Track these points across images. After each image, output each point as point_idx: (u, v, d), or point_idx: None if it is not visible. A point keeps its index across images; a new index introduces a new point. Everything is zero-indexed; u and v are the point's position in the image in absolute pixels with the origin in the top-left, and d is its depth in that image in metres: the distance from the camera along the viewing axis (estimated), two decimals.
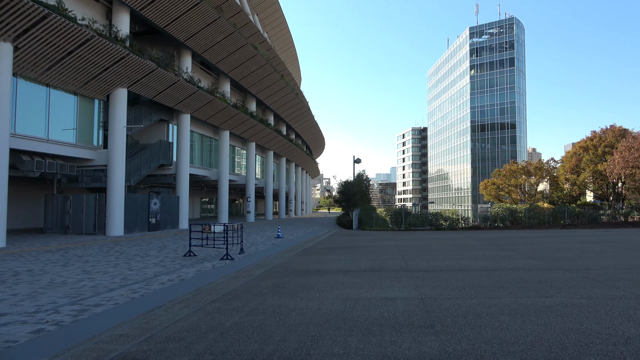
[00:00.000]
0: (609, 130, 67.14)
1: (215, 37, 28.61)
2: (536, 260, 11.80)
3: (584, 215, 27.68)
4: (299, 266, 11.49)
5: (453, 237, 21.61)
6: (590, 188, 67.76)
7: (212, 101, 30.10)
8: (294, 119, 52.68)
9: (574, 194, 71.92)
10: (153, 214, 26.27)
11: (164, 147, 28.75)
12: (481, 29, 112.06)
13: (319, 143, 79.28)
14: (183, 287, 8.68)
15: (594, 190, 69.37)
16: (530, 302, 6.85)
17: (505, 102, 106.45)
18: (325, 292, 7.92)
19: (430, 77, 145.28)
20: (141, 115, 26.51)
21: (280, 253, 14.76)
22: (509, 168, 79.12)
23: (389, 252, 14.67)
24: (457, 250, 15.16)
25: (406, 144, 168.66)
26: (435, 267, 10.89)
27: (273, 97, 42.72)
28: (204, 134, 35.26)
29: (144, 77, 23.34)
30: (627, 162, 54.19)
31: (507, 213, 30.08)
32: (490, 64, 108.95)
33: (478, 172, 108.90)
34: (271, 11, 50.98)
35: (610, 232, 22.11)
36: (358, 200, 39.17)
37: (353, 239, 20.95)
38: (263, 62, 35.19)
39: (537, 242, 17.69)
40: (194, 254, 13.90)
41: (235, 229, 13.85)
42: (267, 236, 22.67)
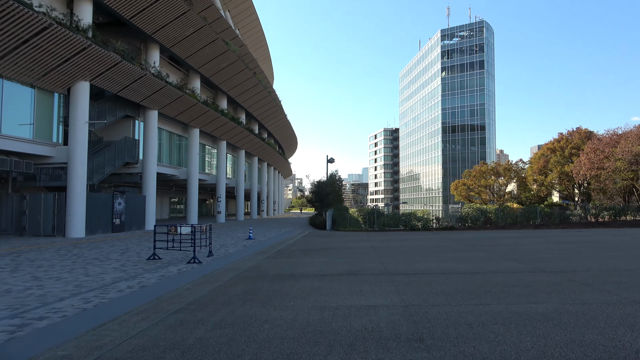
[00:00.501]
0: (575, 132, 68.87)
1: (185, 31, 27.54)
2: (517, 262, 11.45)
3: (555, 216, 27.92)
4: (271, 270, 10.79)
5: (428, 237, 21.28)
6: (557, 189, 69.29)
7: (181, 97, 28.98)
8: (266, 117, 51.76)
9: (541, 194, 73.43)
10: (117, 215, 25.01)
11: (130, 144, 27.48)
12: (452, 31, 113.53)
13: (291, 142, 78.47)
14: (143, 296, 7.86)
15: (560, 191, 71.02)
16: (523, 309, 6.36)
17: (475, 104, 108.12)
18: (301, 300, 7.26)
19: (402, 79, 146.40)
20: (105, 110, 25.20)
21: (252, 255, 14.01)
22: (479, 169, 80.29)
23: (365, 254, 14.12)
24: (434, 251, 14.74)
25: (378, 145, 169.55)
26: (415, 270, 10.37)
27: (245, 94, 41.74)
28: (172, 131, 34.02)
29: (107, 70, 22.11)
30: (593, 164, 55.57)
31: (478, 213, 30.09)
32: (461, 66, 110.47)
33: (449, 173, 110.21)
34: (243, 8, 49.92)
35: (582, 232, 22.23)
36: (331, 201, 38.62)
37: (327, 240, 20.35)
38: (234, 58, 34.23)
39: (513, 242, 17.48)
40: (159, 257, 13.00)
41: (203, 231, 13.02)
42: (237, 237, 21.82)
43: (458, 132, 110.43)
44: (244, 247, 17.04)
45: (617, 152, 51.42)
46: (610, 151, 53.13)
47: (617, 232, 21.37)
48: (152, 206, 28.42)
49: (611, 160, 51.88)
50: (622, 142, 52.00)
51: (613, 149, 53.02)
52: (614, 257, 12.45)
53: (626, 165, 50.22)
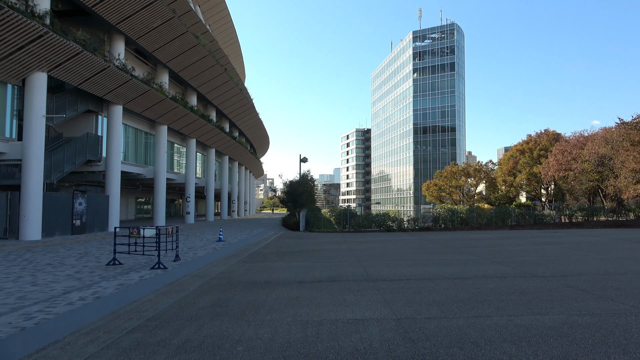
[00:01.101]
0: (544, 134, 70.22)
1: (152, 22, 26.18)
2: (504, 266, 10.89)
3: (530, 216, 27.91)
4: (244, 276, 9.88)
5: (405, 238, 20.72)
6: (525, 189, 70.45)
7: (147, 92, 27.57)
8: (237, 115, 50.46)
9: (510, 195, 74.57)
10: (78, 215, 23.48)
11: (92, 141, 25.93)
12: (424, 33, 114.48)
13: (263, 142, 77.18)
14: (97, 309, 6.84)
15: (528, 192, 72.26)
16: (528, 323, 5.69)
17: (446, 106, 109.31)
18: (279, 313, 6.41)
19: (374, 79, 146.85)
20: (65, 104, 23.62)
21: (222, 259, 13.03)
22: (450, 170, 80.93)
23: (343, 257, 13.34)
24: (415, 254, 14.09)
25: (350, 145, 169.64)
26: (400, 276, 9.65)
27: (215, 91, 40.42)
28: (139, 128, 32.45)
29: (67, 61, 20.64)
30: (561, 165, 56.64)
31: (450, 213, 29.83)
32: (432, 68, 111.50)
33: (420, 174, 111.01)
34: (214, 3, 48.51)
35: (558, 232, 22.12)
36: (305, 201, 37.76)
37: (302, 242, 19.50)
38: (205, 53, 32.94)
39: (493, 244, 17.06)
40: (120, 262, 11.88)
41: (169, 233, 11.98)
42: (207, 239, 20.72)
43: (429, 133, 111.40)
44: (214, 250, 16.02)
45: (584, 153, 52.51)
46: (578, 153, 54.23)
47: (593, 233, 21.33)
48: (116, 206, 26.92)
49: (578, 162, 52.97)
50: (589, 144, 53.14)
51: (580, 151, 54.14)
52: (600, 259, 12.07)
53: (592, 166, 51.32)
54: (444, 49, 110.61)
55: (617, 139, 47.32)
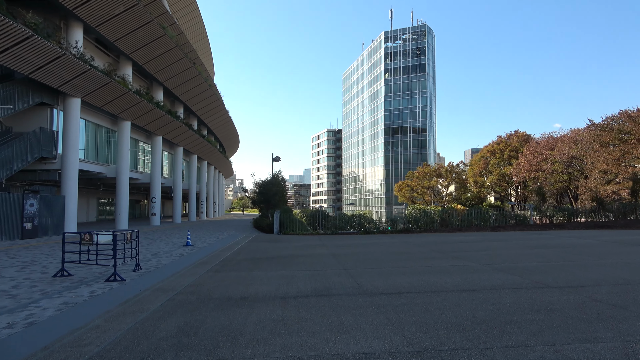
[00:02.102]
0: (514, 135, 70.88)
1: (113, 8, 24.19)
2: (509, 274, 9.80)
3: (511, 217, 27.30)
4: (216, 290, 8.41)
5: (386, 242, 19.57)
6: (497, 190, 70.94)
7: (108, 84, 25.51)
8: (206, 113, 48.42)
9: (481, 195, 75.08)
10: (29, 218, 21.31)
11: (46, 136, 23.74)
12: (395, 34, 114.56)
13: (233, 141, 75.08)
14: (24, 343, 5.27)
15: (498, 192, 72.84)
16: (582, 355, 4.50)
17: (417, 107, 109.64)
18: (263, 345, 5.01)
19: (345, 80, 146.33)
20: (14, 95, 21.41)
21: (190, 268, 11.48)
22: (422, 170, 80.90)
23: (327, 264, 12.01)
24: (405, 260, 12.89)
25: (321, 145, 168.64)
26: (398, 287, 8.39)
27: (183, 86, 38.42)
28: (99, 123, 30.21)
29: (14, 46, 18.55)
30: (532, 166, 57.12)
31: (423, 214, 28.99)
32: (403, 69, 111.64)
33: (391, 175, 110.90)
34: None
35: (543, 234, 21.43)
36: (278, 201, 36.25)
37: (278, 246, 18.06)
38: (172, 45, 31.02)
39: (482, 247, 16.08)
40: (69, 273, 10.20)
41: (127, 239, 10.36)
42: (174, 244, 19.02)
43: (400, 134, 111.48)
44: (181, 256, 14.41)
45: (554, 154, 53.04)
46: (548, 154, 54.77)
47: (578, 235, 20.71)
48: (72, 207, 24.78)
49: (549, 163, 53.49)
50: (559, 145, 53.72)
51: (550, 152, 54.70)
52: (606, 265, 11.15)
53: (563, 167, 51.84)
54: (415, 50, 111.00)
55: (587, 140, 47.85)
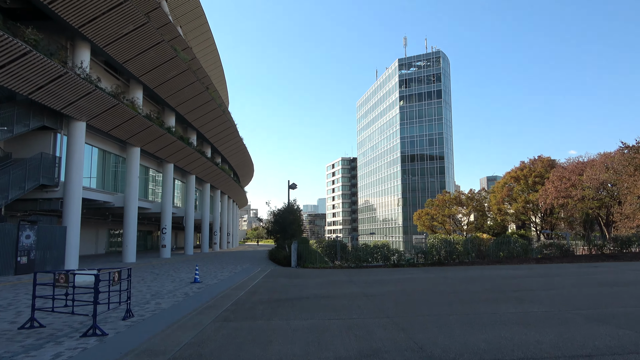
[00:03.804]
0: (538, 160, 68.08)
1: (122, 27, 22.84)
2: (614, 326, 7.38)
3: (557, 248, 24.59)
4: (223, 354, 6.17)
5: (423, 277, 17.12)
6: (521, 218, 67.79)
7: (115, 106, 23.95)
8: (220, 140, 46.92)
9: (506, 223, 71.92)
10: (24, 251, 19.36)
11: (47, 162, 22.07)
12: (410, 61, 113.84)
13: (247, 169, 73.55)
14: None
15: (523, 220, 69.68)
16: None
17: (434, 134, 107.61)
18: None
19: (359, 108, 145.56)
20: (12, 118, 19.84)
21: (194, 315, 9.25)
22: (441, 198, 78.10)
23: (363, 309, 9.69)
24: (459, 302, 10.47)
25: (336, 174, 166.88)
26: (475, 350, 6.04)
27: (196, 112, 36.97)
28: (107, 149, 28.61)
29: (11, 63, 17.03)
30: (560, 192, 54.14)
31: (445, 244, 26.45)
32: (419, 95, 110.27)
33: (409, 203, 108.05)
34: (197, 24, 45.62)
35: (601, 267, 18.76)
36: (294, 231, 34.00)
37: (298, 283, 15.76)
38: (184, 67, 29.65)
39: (545, 284, 13.52)
40: (40, 323, 8.05)
41: (115, 279, 8.21)
42: (180, 280, 16.83)
43: (417, 161, 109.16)
44: (186, 296, 12.20)
45: (584, 179, 50.21)
46: (577, 179, 51.91)
47: None
48: (74, 239, 22.84)
49: (578, 189, 50.60)
50: (588, 170, 50.89)
51: (579, 177, 51.87)
52: None
53: (594, 193, 48.99)
54: (430, 76, 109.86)
55: (620, 163, 45.12)
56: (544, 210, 61.16)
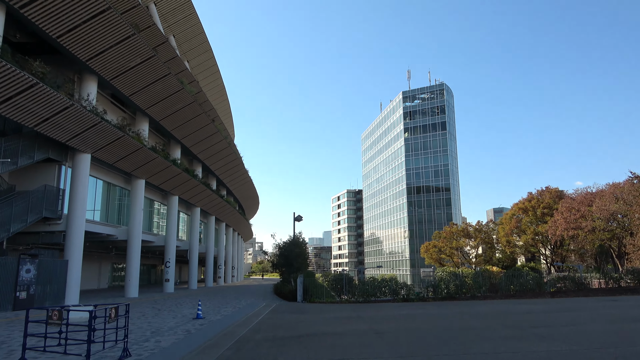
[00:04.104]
0: (546, 191, 67.31)
1: (129, 60, 23.06)
2: None
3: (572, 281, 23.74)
4: None
5: (435, 312, 16.42)
6: (531, 250, 66.56)
7: (121, 138, 23.90)
8: (225, 172, 46.86)
9: (515, 256, 70.64)
10: (24, 286, 18.88)
11: (50, 195, 21.84)
12: (413, 93, 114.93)
13: (252, 202, 73.30)
14: None
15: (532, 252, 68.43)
16: None
17: (439, 165, 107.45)
18: None
19: (364, 140, 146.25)
20: (17, 149, 19.75)
21: (195, 355, 8.70)
22: (449, 230, 77.03)
23: (376, 349, 9.10)
24: (479, 340, 9.80)
25: (341, 207, 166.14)
26: None
27: (201, 144, 37.01)
28: (111, 182, 28.45)
29: (17, 95, 17.03)
30: (569, 223, 53.26)
31: (454, 278, 25.73)
32: (423, 127, 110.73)
33: (415, 235, 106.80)
34: (204, 59, 46.32)
35: (621, 302, 17.98)
36: (300, 265, 33.30)
37: (305, 319, 15.11)
38: (190, 99, 29.81)
39: (565, 320, 12.80)
40: None
41: (111, 316, 7.75)
42: (182, 316, 16.23)
43: (423, 193, 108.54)
44: (187, 334, 11.62)
45: (593, 210, 49.43)
46: (586, 210, 51.13)
47: None
48: (76, 273, 22.34)
49: (588, 220, 49.77)
50: (597, 200, 50.15)
51: (588, 208, 51.10)
52: None
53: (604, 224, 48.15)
54: (434, 108, 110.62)
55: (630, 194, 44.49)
56: (554, 242, 60.04)
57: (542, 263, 67.56)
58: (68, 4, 18.29)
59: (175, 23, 36.64)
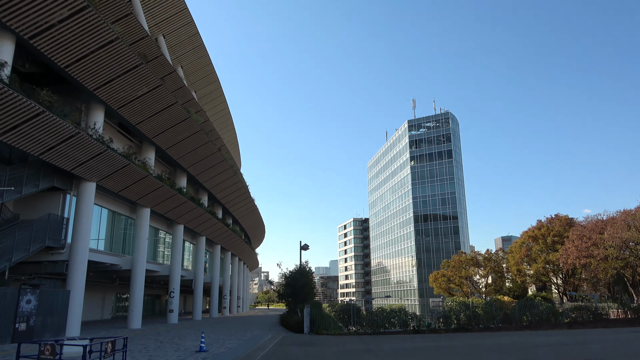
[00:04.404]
0: (555, 219, 66.33)
1: (136, 89, 23.19)
2: None
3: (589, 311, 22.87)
4: None
5: (448, 345, 15.74)
6: (542, 279, 65.16)
7: (126, 167, 23.81)
8: (231, 201, 46.62)
9: (526, 285, 69.24)
10: (24, 317, 18.43)
11: (54, 223, 21.61)
12: (419, 122, 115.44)
13: (258, 231, 72.77)
14: None
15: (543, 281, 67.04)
16: None
17: (446, 193, 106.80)
18: None
19: (370, 168, 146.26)
20: (22, 178, 19.64)
21: None
22: (457, 259, 75.80)
23: None
24: None
25: (348, 235, 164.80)
26: None
27: (207, 172, 36.91)
28: (116, 210, 28.23)
29: (23, 123, 17.03)
30: (581, 252, 52.28)
31: (464, 308, 24.96)
32: (429, 156, 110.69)
33: (423, 264, 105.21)
34: (211, 89, 46.79)
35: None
36: (307, 294, 32.55)
37: (312, 353, 14.50)
38: (197, 128, 29.87)
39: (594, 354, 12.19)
40: None
41: (108, 350, 7.34)
42: (185, 349, 15.66)
43: (430, 221, 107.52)
44: None
45: (605, 238, 48.54)
46: (598, 238, 50.23)
47: None
48: (77, 304, 21.85)
49: (600, 248, 48.83)
50: (609, 228, 49.35)
51: (600, 236, 50.22)
52: None
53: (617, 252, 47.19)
54: (440, 136, 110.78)
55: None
56: (566, 271, 58.80)
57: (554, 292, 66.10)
58: (77, 35, 18.48)
59: (183, 55, 37.12)
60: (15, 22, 16.63)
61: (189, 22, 34.04)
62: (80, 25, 18.32)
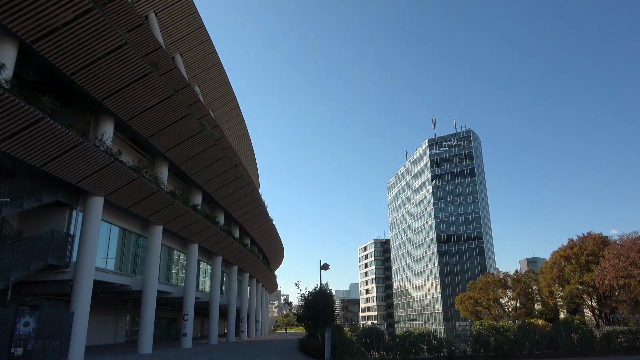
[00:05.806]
0: (588, 238, 62.96)
1: (147, 99, 22.10)
2: None
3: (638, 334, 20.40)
4: None
5: None
6: (576, 301, 61.55)
7: (136, 180, 22.55)
8: (248, 220, 45.17)
9: (558, 308, 65.69)
10: (20, 341, 16.96)
11: (58, 240, 20.35)
12: (440, 140, 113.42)
13: (277, 252, 71.00)
14: None
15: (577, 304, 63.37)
16: None
17: (470, 212, 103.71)
18: None
19: (390, 189, 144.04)
20: (23, 192, 18.51)
21: None
22: (485, 280, 72.47)
23: None
24: None
25: (368, 257, 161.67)
26: None
27: (223, 190, 35.60)
28: (127, 228, 26.94)
29: (22, 131, 15.91)
30: (618, 272, 49.20)
31: (495, 332, 22.69)
32: (451, 174, 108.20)
33: (447, 287, 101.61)
34: (228, 108, 45.76)
35: None
36: (327, 317, 30.52)
37: None
38: (211, 142, 28.68)
39: None
40: None
41: None
42: None
43: (454, 242, 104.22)
44: None
45: None
46: (637, 256, 47.17)
47: None
48: (82, 327, 20.37)
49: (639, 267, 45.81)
50: None
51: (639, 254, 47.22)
52: None
53: None
54: (462, 155, 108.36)
55: None
56: (602, 292, 55.35)
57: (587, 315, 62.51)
58: (82, 39, 17.49)
59: (200, 73, 36.29)
60: (15, 24, 15.68)
61: (206, 41, 33.21)
62: (86, 29, 17.33)
